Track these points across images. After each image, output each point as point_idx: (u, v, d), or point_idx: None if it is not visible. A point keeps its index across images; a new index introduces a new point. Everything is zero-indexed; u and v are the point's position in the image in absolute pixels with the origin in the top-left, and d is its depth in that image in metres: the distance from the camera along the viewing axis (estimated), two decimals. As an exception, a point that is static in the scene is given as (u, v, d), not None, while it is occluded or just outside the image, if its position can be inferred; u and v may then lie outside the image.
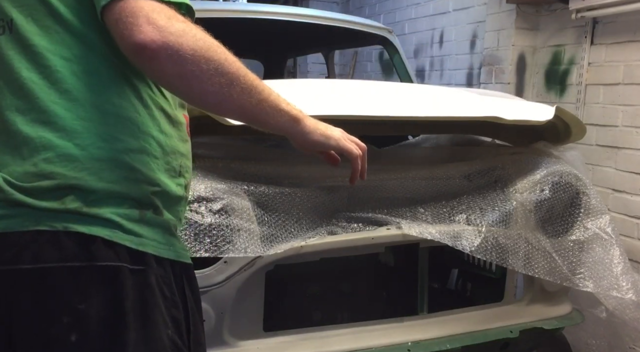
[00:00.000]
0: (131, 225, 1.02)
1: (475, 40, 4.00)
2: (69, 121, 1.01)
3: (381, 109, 1.80)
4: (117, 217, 1.01)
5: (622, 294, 1.94)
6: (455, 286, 2.56)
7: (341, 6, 6.10)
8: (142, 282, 1.02)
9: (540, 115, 1.92)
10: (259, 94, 1.06)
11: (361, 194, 2.00)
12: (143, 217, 1.04)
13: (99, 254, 0.99)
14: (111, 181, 1.01)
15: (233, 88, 1.01)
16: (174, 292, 1.07)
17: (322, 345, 1.84)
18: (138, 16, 0.95)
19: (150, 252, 1.04)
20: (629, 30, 2.74)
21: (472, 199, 1.98)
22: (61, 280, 0.99)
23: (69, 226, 0.99)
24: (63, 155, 1.00)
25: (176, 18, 0.98)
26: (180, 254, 1.10)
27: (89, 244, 0.99)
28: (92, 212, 1.00)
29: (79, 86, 1.02)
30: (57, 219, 0.99)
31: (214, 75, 0.99)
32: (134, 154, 1.04)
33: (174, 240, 1.10)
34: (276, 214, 1.77)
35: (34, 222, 0.99)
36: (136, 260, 1.02)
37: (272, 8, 3.05)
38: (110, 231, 1.00)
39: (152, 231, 1.05)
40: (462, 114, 1.94)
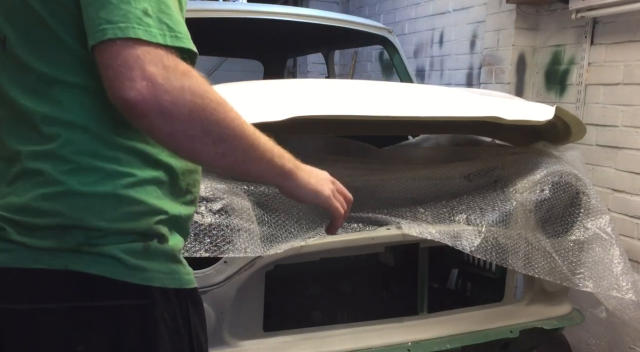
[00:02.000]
0: (134, 260, 0.97)
1: (475, 40, 4.00)
2: (72, 156, 0.93)
3: (381, 109, 1.80)
4: (120, 253, 0.95)
5: (622, 294, 1.94)
6: (455, 286, 2.56)
7: (341, 6, 6.10)
8: (146, 318, 0.98)
9: (540, 115, 1.92)
10: (254, 152, 0.97)
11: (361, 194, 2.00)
12: (147, 248, 0.99)
13: (100, 293, 0.95)
14: (114, 219, 0.95)
15: (227, 148, 0.93)
16: (178, 323, 1.03)
17: (322, 345, 1.84)
18: (132, 68, 0.85)
19: (155, 285, 0.99)
20: (629, 30, 2.74)
21: (472, 199, 1.98)
22: (59, 322, 0.94)
23: (69, 265, 0.94)
24: (64, 193, 0.93)
25: (176, 70, 0.87)
26: (184, 281, 1.05)
27: (90, 283, 0.94)
28: (93, 251, 0.94)
29: (84, 117, 0.94)
30: (56, 258, 0.94)
31: (207, 136, 0.89)
32: (140, 186, 0.97)
33: (179, 267, 1.05)
34: (276, 214, 1.77)
35: (32, 260, 0.94)
36: (140, 295, 0.97)
37: (272, 8, 3.05)
38: (113, 269, 0.95)
39: (156, 262, 1.00)
40: (462, 114, 1.94)
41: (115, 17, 0.86)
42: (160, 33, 0.88)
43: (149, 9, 0.88)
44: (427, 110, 1.90)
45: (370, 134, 2.50)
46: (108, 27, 0.85)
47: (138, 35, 0.86)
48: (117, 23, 0.85)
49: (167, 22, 0.89)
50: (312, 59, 5.87)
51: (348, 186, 2.01)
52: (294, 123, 1.60)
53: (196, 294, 1.10)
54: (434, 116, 1.92)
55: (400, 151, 2.65)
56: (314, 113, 1.65)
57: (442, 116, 1.93)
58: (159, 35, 0.87)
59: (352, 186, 1.99)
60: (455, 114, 1.92)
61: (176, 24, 0.90)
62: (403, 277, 2.19)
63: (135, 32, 0.86)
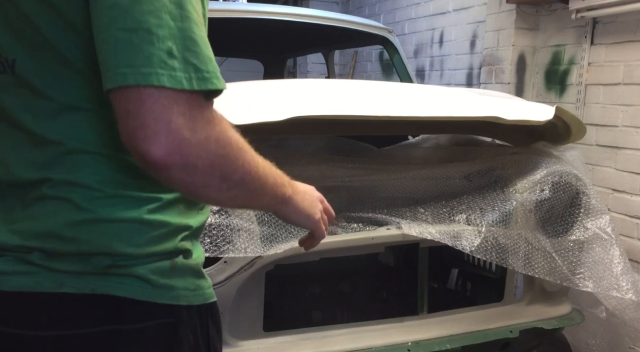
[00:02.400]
0: (162, 279, 0.94)
1: (475, 40, 4.00)
2: (97, 184, 0.89)
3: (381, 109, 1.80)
4: (148, 274, 0.92)
5: (622, 294, 1.94)
6: (455, 286, 2.56)
7: (341, 6, 6.10)
8: (171, 337, 0.96)
9: (540, 115, 1.92)
10: (262, 190, 0.96)
11: (361, 194, 2.00)
12: (174, 266, 0.96)
13: (128, 315, 0.92)
14: (142, 244, 0.91)
15: (240, 192, 0.91)
16: (198, 338, 1.01)
17: (322, 345, 1.84)
18: (157, 119, 0.78)
19: (182, 304, 0.97)
20: (629, 30, 2.74)
21: (472, 199, 1.98)
22: (86, 347, 0.91)
23: (96, 288, 0.90)
24: (89, 221, 0.89)
25: (202, 118, 0.82)
26: (207, 296, 1.03)
27: (117, 306, 0.91)
28: (120, 272, 0.91)
29: (103, 144, 0.89)
30: (82, 281, 0.90)
31: (224, 183, 0.87)
32: (165, 208, 0.94)
33: (202, 282, 1.03)
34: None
35: (57, 284, 0.89)
36: (166, 314, 0.95)
37: (272, 8, 3.05)
38: (141, 290, 0.92)
39: (182, 280, 0.97)
40: (462, 114, 1.94)
41: (137, 59, 0.78)
42: (186, 76, 0.80)
43: (173, 48, 0.80)
44: (427, 110, 1.90)
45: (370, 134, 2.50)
46: (128, 72, 0.78)
47: (162, 82, 0.78)
48: (139, 67, 0.78)
49: (193, 62, 0.81)
50: (312, 59, 5.87)
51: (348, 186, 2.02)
52: (294, 123, 1.60)
53: (215, 307, 1.08)
54: (434, 116, 1.92)
55: (400, 151, 2.65)
56: (314, 113, 1.65)
57: (442, 116, 1.93)
58: (184, 80, 0.80)
59: (352, 186, 2.00)
60: (455, 114, 1.92)
61: (203, 62, 0.82)
62: (403, 277, 2.19)
63: (159, 78, 0.78)
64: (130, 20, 0.78)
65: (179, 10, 0.81)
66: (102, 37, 0.80)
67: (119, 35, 0.78)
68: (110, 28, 0.79)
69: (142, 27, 0.78)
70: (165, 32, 0.79)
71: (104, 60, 0.80)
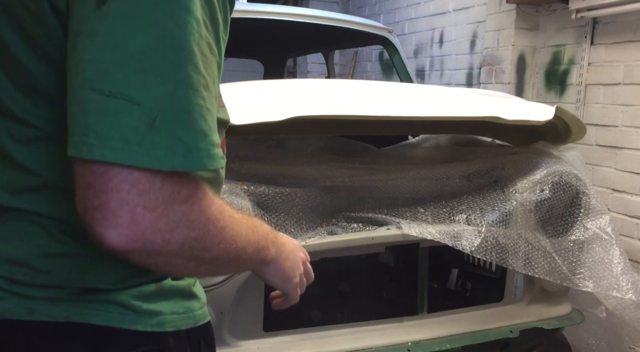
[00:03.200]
0: (146, 305, 0.84)
1: (475, 40, 4.00)
2: (75, 219, 0.73)
3: (381, 109, 1.80)
4: (130, 299, 0.83)
5: (622, 294, 1.94)
6: (455, 286, 2.56)
7: (341, 6, 6.10)
8: None
9: (540, 115, 1.92)
10: (239, 260, 0.86)
11: (361, 194, 2.00)
12: (161, 289, 0.86)
13: (107, 346, 0.82)
14: (121, 279, 0.83)
15: (211, 267, 0.80)
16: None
17: (322, 345, 1.84)
18: (122, 203, 0.66)
19: (169, 330, 0.87)
20: (629, 30, 2.74)
21: (472, 199, 1.98)
22: None
23: (71, 316, 0.80)
24: (66, 254, 0.80)
25: (177, 201, 0.69)
26: (198, 319, 0.94)
27: (94, 335, 0.81)
28: (98, 299, 0.81)
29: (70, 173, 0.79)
30: (55, 308, 0.79)
31: (192, 262, 0.76)
32: None
33: (193, 303, 0.93)
34: (276, 214, 1.77)
35: (26, 312, 0.79)
36: (150, 342, 0.85)
37: (272, 8, 3.04)
38: (120, 317, 0.82)
39: (170, 303, 0.88)
40: (462, 114, 1.94)
41: (109, 130, 0.65)
42: (167, 154, 0.67)
43: (157, 119, 0.66)
44: (427, 111, 1.90)
45: (370, 134, 2.50)
46: (96, 143, 0.65)
47: (135, 161, 0.66)
48: (110, 140, 0.65)
49: (181, 137, 0.68)
50: (312, 59, 5.87)
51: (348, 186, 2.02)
52: (294, 123, 1.60)
53: (209, 327, 1.00)
54: (434, 116, 1.92)
55: (400, 151, 2.65)
56: (314, 113, 1.65)
57: (442, 116, 1.93)
58: (164, 158, 0.67)
59: (352, 186, 2.00)
60: (456, 114, 1.92)
61: (194, 137, 0.68)
62: (403, 277, 2.19)
63: (132, 156, 0.66)
64: (109, 82, 0.65)
65: (177, 72, 0.68)
66: (75, 95, 0.67)
67: (94, 97, 0.66)
68: (84, 87, 0.66)
69: (122, 91, 0.65)
70: (151, 99, 0.66)
71: (71, 121, 0.68)
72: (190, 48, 0.68)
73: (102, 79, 0.66)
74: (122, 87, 0.65)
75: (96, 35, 0.66)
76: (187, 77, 0.68)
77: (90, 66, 0.66)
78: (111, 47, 0.66)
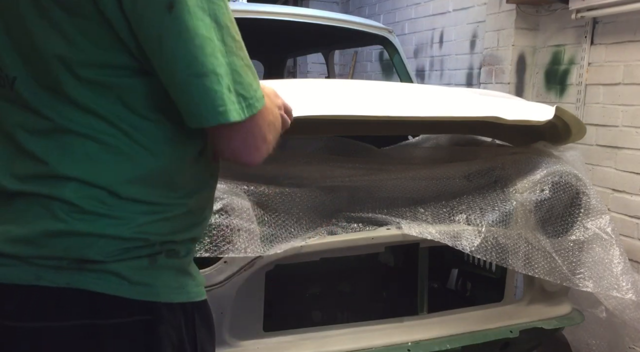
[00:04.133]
0: (139, 276, 0.96)
1: (475, 40, 4.00)
2: (79, 201, 0.92)
3: (381, 109, 1.80)
4: (124, 270, 0.94)
5: (622, 294, 1.93)
6: (455, 286, 2.56)
7: (341, 6, 6.10)
8: (150, 334, 0.97)
9: (540, 115, 1.92)
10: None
11: (361, 194, 2.00)
12: (153, 264, 0.98)
13: (103, 311, 0.94)
14: (118, 253, 0.94)
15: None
16: (182, 338, 1.02)
17: (322, 345, 1.84)
18: (257, 137, 0.97)
19: (161, 301, 0.98)
20: (629, 30, 2.74)
21: (472, 199, 1.98)
22: (63, 340, 0.93)
23: (72, 283, 0.92)
24: (68, 232, 0.92)
25: (273, 120, 1.04)
26: (192, 295, 1.04)
27: (92, 301, 0.93)
28: (96, 268, 0.93)
29: (90, 168, 0.93)
30: (58, 276, 0.93)
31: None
32: (149, 227, 0.97)
33: (187, 280, 1.04)
34: (276, 214, 1.77)
35: (33, 277, 0.92)
36: (144, 311, 0.96)
37: (272, 8, 3.05)
38: (116, 286, 0.94)
39: (163, 277, 0.99)
40: (462, 114, 1.94)
41: (214, 101, 0.89)
42: (238, 108, 0.92)
43: (230, 85, 0.91)
44: (427, 111, 1.90)
45: (370, 134, 2.50)
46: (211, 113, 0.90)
47: (242, 116, 0.92)
48: (219, 107, 0.89)
49: (241, 93, 0.93)
50: (312, 59, 5.87)
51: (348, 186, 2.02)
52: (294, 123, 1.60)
53: (205, 306, 1.08)
54: (434, 116, 1.92)
55: (400, 151, 2.65)
56: (315, 113, 1.65)
57: (442, 116, 1.93)
58: (247, 109, 0.93)
59: (352, 186, 2.00)
60: (456, 114, 1.92)
61: (247, 90, 0.94)
62: (403, 277, 2.19)
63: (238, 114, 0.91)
64: (199, 66, 0.88)
65: (225, 46, 0.91)
66: (176, 82, 0.89)
67: (192, 80, 0.88)
68: (183, 75, 0.88)
69: (208, 70, 0.88)
70: (222, 70, 0.90)
71: (182, 101, 0.91)
72: (228, 25, 0.92)
73: (194, 65, 0.87)
74: (208, 67, 0.88)
75: (178, 34, 0.87)
76: (232, 47, 0.92)
77: (182, 58, 0.87)
78: (190, 39, 0.87)
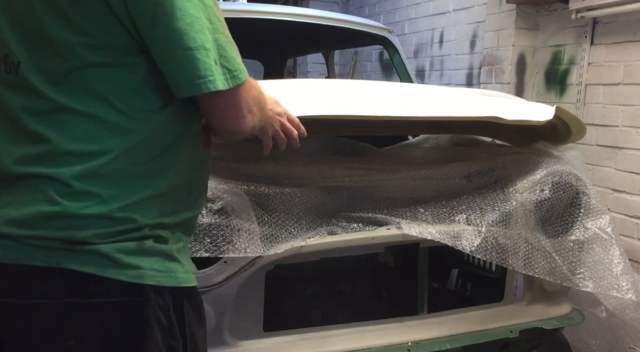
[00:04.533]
0: (127, 258, 1.01)
1: (475, 40, 4.00)
2: (72, 180, 0.99)
3: (381, 109, 1.80)
4: (112, 252, 1.00)
5: (622, 294, 1.93)
6: (455, 286, 2.56)
7: (341, 6, 6.10)
8: (137, 315, 1.02)
9: (540, 115, 1.92)
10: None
11: (361, 194, 2.00)
12: (141, 247, 1.03)
13: (91, 291, 0.99)
14: (108, 235, 1.01)
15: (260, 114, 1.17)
16: (171, 320, 1.06)
17: (322, 345, 1.84)
18: (242, 107, 1.06)
19: (148, 283, 1.02)
20: (629, 30, 2.74)
21: (472, 199, 1.98)
22: (53, 316, 0.99)
23: (62, 263, 0.99)
24: (61, 214, 0.99)
25: (257, 94, 1.12)
26: (180, 280, 1.08)
27: (81, 281, 0.99)
28: (86, 249, 0.99)
29: (88, 145, 1.00)
30: (50, 256, 0.99)
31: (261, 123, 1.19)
32: (139, 207, 1.03)
33: (175, 265, 1.08)
34: (276, 214, 1.77)
35: (27, 257, 0.99)
36: (131, 293, 1.01)
37: (272, 8, 3.04)
38: (104, 267, 1.00)
39: (150, 260, 1.04)
40: (462, 114, 1.94)
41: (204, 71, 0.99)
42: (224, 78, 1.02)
43: (216, 58, 1.01)
44: (427, 111, 1.90)
45: (370, 134, 2.50)
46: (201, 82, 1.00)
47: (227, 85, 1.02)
48: (206, 76, 1.00)
49: (226, 65, 1.03)
50: (312, 59, 5.87)
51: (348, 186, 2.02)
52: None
53: (195, 292, 1.12)
54: (434, 116, 1.92)
55: (400, 151, 2.65)
56: (315, 113, 1.65)
57: (442, 116, 1.93)
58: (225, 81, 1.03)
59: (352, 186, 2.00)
60: (456, 114, 1.92)
61: (232, 63, 1.04)
62: (403, 277, 2.19)
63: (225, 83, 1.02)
64: (190, 41, 0.98)
65: (211, 24, 1.01)
66: (170, 55, 0.99)
67: (187, 53, 0.98)
68: (177, 49, 0.98)
69: (199, 44, 0.99)
70: (210, 45, 1.00)
71: (173, 73, 1.00)
72: (212, 6, 1.03)
73: (186, 40, 0.98)
74: (198, 42, 0.98)
75: (170, 13, 0.97)
76: (215, 25, 1.03)
77: (174, 34, 0.97)
78: (181, 17, 0.97)
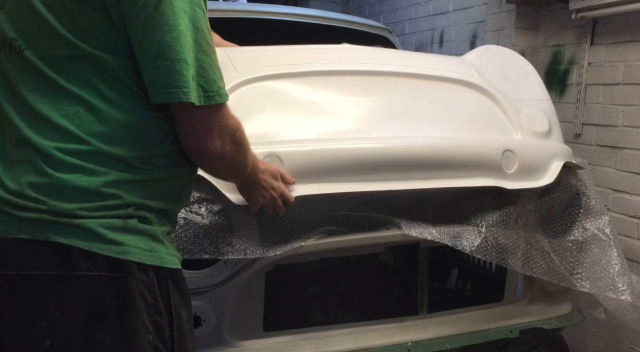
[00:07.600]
0: (112, 234, 1.06)
1: (475, 40, 4.00)
2: (58, 152, 1.06)
3: (386, 185, 1.83)
4: (98, 227, 1.05)
5: (618, 295, 1.93)
6: (455, 286, 2.56)
7: (341, 6, 6.10)
8: (122, 289, 1.06)
9: (540, 181, 1.93)
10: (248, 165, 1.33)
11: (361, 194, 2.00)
12: (126, 225, 1.08)
13: (77, 264, 1.04)
14: (93, 208, 1.06)
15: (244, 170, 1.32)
16: (156, 297, 1.09)
17: (322, 345, 1.85)
18: (212, 128, 1.11)
19: (132, 260, 1.07)
20: (629, 30, 2.74)
21: (472, 199, 1.98)
22: (39, 287, 1.04)
23: (50, 236, 1.03)
24: (48, 184, 1.05)
25: (233, 126, 1.17)
26: (165, 261, 1.12)
27: (67, 254, 1.04)
28: (73, 223, 1.04)
29: (80, 127, 1.07)
30: (38, 229, 1.04)
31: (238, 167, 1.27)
32: (125, 185, 1.09)
33: (159, 246, 1.12)
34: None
35: (16, 230, 1.05)
36: (116, 268, 1.06)
37: (272, 8, 3.05)
38: (90, 242, 1.04)
39: (135, 238, 1.08)
40: (461, 185, 1.92)
41: (179, 82, 1.06)
42: (198, 95, 1.09)
43: (195, 75, 1.08)
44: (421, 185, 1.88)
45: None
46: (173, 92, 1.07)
47: (190, 99, 1.08)
48: (182, 88, 1.07)
49: (202, 85, 1.10)
50: (313, 59, 5.85)
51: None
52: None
53: (179, 275, 1.17)
54: (431, 188, 1.91)
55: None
56: (314, 192, 1.70)
57: (441, 187, 1.92)
58: (200, 98, 1.09)
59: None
60: (455, 185, 1.90)
61: (209, 84, 1.10)
62: (403, 277, 2.19)
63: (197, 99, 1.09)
64: (173, 53, 1.05)
65: (197, 45, 1.09)
66: (151, 65, 1.06)
67: (167, 64, 1.05)
68: (158, 59, 1.05)
69: (181, 58, 1.05)
70: (191, 61, 1.07)
71: (152, 80, 1.07)
72: (204, 30, 1.12)
73: (169, 52, 1.05)
74: (180, 55, 1.06)
75: (159, 26, 1.05)
76: (202, 47, 1.10)
77: (159, 45, 1.05)
78: (169, 31, 1.05)
